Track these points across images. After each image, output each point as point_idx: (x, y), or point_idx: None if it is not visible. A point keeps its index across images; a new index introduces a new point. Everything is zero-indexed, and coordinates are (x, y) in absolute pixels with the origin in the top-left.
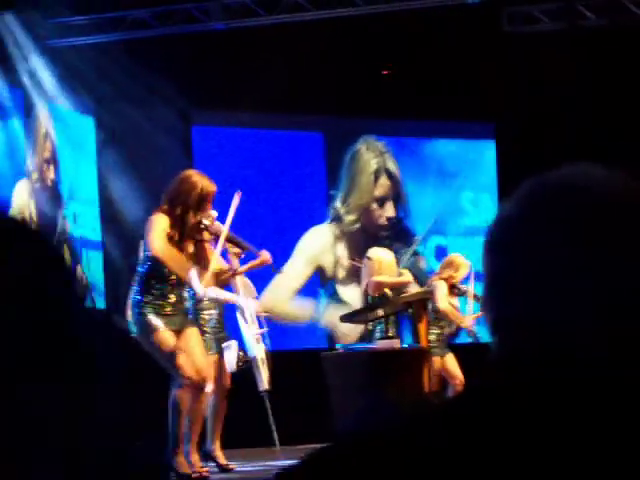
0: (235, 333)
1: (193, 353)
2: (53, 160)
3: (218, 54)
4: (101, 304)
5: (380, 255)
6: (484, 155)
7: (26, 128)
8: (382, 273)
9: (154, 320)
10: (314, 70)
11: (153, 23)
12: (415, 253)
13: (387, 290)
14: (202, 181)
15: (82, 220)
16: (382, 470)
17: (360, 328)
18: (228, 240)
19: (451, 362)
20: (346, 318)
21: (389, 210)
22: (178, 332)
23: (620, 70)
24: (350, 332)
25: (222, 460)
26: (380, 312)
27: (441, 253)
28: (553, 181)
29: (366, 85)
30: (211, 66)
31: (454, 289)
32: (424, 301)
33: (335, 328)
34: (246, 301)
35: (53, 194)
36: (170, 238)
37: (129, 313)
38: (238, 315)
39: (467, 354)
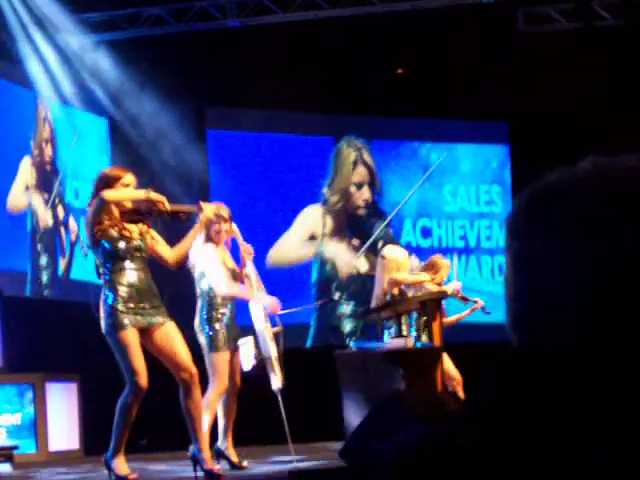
0: (245, 330)
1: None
2: (51, 140)
3: (233, 51)
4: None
5: (395, 254)
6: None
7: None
8: (400, 271)
9: None
10: (328, 68)
11: (169, 20)
12: (387, 226)
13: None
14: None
15: (83, 195)
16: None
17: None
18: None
19: (447, 362)
20: (361, 314)
21: (365, 193)
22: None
23: (635, 69)
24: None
25: (234, 458)
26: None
27: (426, 233)
28: (560, 178)
29: (381, 84)
30: (226, 64)
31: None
32: (438, 300)
33: (335, 259)
34: (262, 298)
35: (51, 168)
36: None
37: None
38: (252, 313)
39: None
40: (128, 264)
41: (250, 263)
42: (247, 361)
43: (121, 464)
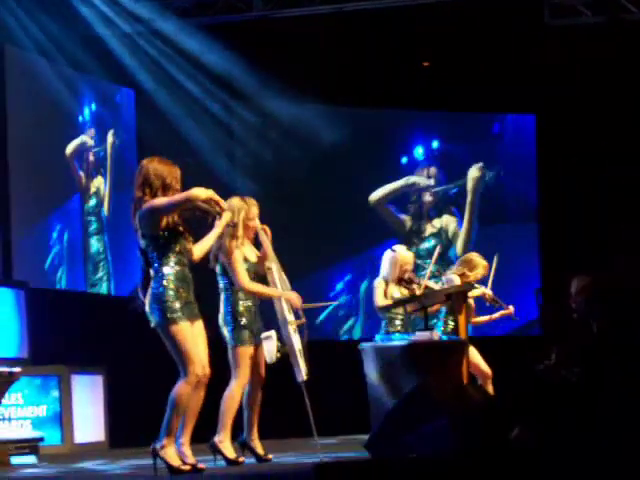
0: (269, 323)
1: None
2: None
3: (258, 43)
4: None
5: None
6: None
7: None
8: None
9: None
10: (355, 61)
11: (195, 12)
12: None
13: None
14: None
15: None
16: None
17: None
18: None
19: (476, 357)
20: (386, 307)
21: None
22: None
23: None
24: None
25: (260, 450)
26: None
27: None
28: None
29: (407, 76)
30: (252, 55)
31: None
32: (464, 293)
33: None
34: (286, 293)
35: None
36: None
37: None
38: (276, 305)
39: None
40: (180, 258)
41: (273, 256)
42: (270, 354)
43: (174, 454)
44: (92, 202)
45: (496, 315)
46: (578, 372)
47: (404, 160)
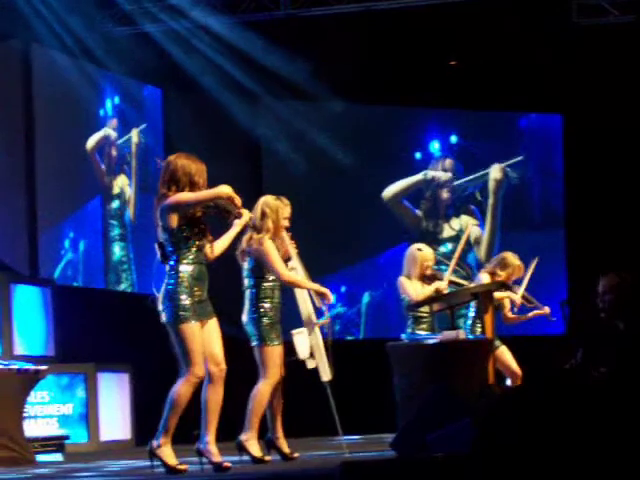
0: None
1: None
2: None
3: (285, 42)
4: None
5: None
6: None
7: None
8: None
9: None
10: (380, 60)
11: (223, 10)
12: None
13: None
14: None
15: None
16: None
17: None
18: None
19: (507, 356)
20: (414, 306)
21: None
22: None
23: None
24: None
25: (285, 449)
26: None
27: None
28: None
29: (432, 75)
30: (279, 54)
31: (503, 288)
32: (490, 292)
33: None
34: (320, 287)
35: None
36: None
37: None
38: (300, 306)
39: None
40: (198, 255)
41: (295, 256)
42: (303, 350)
43: (170, 453)
44: (115, 204)
45: (530, 315)
46: (606, 372)
47: (418, 155)
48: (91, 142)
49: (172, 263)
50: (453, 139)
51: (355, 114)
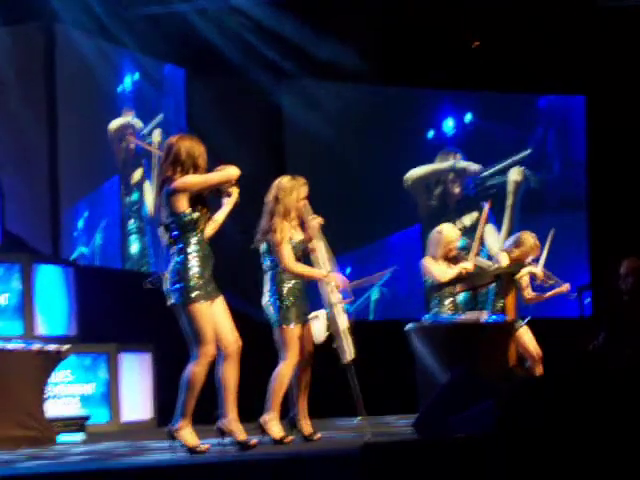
0: (314, 302)
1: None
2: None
3: (303, 22)
4: None
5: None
6: None
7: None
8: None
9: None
10: (403, 41)
11: None
12: None
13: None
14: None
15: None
16: None
17: None
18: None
19: (527, 337)
20: (436, 288)
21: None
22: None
23: None
24: None
25: (308, 429)
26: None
27: None
28: None
29: (456, 57)
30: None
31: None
32: (513, 274)
33: None
34: (329, 273)
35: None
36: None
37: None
38: (321, 286)
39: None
40: (201, 236)
41: (318, 236)
42: (319, 334)
43: (190, 435)
44: (134, 196)
45: (550, 293)
46: (629, 354)
47: (430, 134)
48: (114, 125)
49: (180, 245)
50: (468, 117)
51: (367, 94)
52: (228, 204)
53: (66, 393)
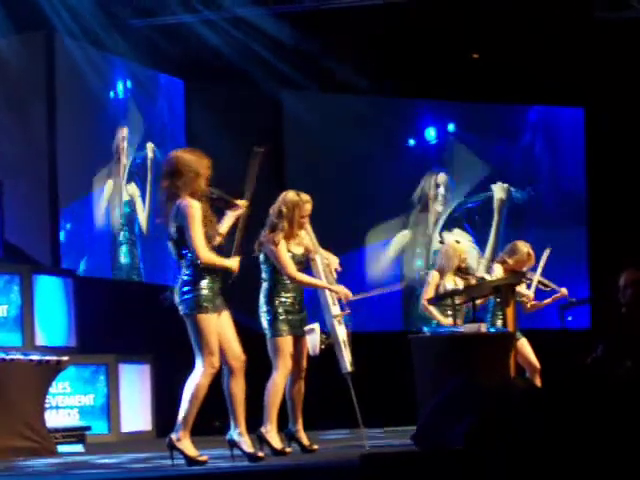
0: (313, 315)
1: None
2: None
3: (308, 35)
4: None
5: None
6: None
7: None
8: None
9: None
10: (403, 52)
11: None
12: None
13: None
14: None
15: None
16: None
17: None
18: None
19: (526, 349)
20: (435, 300)
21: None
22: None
23: None
24: None
25: (305, 441)
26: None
27: None
28: None
29: (455, 69)
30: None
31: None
32: (512, 285)
33: None
34: (333, 285)
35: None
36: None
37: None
38: (320, 297)
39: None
40: (211, 249)
41: (318, 249)
42: (314, 347)
43: (190, 445)
44: (126, 209)
45: (549, 300)
46: (629, 366)
47: (411, 142)
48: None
49: (188, 257)
50: (451, 127)
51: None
52: (230, 217)
53: (65, 404)
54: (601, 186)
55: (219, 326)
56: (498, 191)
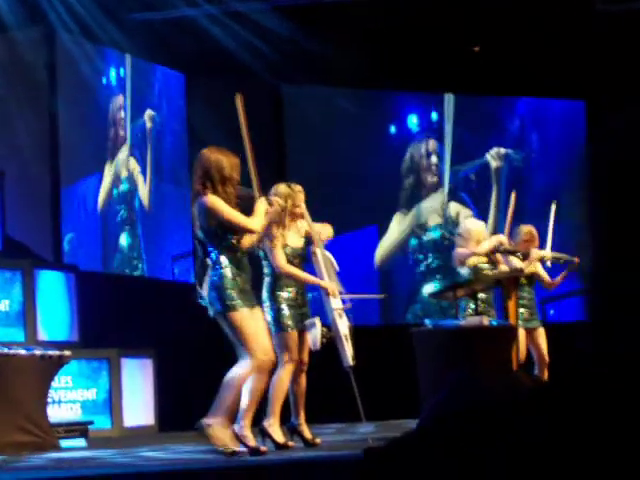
0: (316, 308)
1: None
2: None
3: (307, 30)
4: None
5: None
6: None
7: None
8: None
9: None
10: (404, 45)
11: None
12: None
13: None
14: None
15: None
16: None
17: None
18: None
19: (540, 337)
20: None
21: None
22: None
23: None
24: None
25: (308, 435)
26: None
27: None
28: None
29: (456, 61)
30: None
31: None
32: (515, 278)
33: None
34: (323, 281)
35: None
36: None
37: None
38: (322, 291)
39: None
40: (237, 247)
41: (320, 245)
42: (315, 341)
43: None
44: (123, 187)
45: (566, 272)
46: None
47: (392, 129)
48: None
49: (214, 257)
50: (434, 116)
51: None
52: (260, 214)
53: (68, 398)
54: (601, 186)
55: (253, 319)
56: (493, 160)
